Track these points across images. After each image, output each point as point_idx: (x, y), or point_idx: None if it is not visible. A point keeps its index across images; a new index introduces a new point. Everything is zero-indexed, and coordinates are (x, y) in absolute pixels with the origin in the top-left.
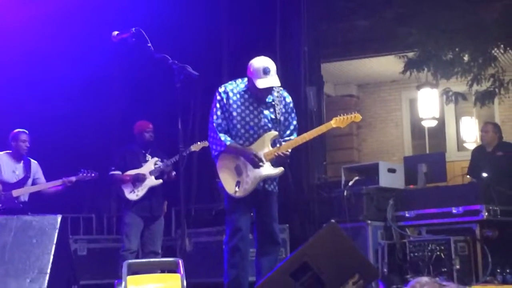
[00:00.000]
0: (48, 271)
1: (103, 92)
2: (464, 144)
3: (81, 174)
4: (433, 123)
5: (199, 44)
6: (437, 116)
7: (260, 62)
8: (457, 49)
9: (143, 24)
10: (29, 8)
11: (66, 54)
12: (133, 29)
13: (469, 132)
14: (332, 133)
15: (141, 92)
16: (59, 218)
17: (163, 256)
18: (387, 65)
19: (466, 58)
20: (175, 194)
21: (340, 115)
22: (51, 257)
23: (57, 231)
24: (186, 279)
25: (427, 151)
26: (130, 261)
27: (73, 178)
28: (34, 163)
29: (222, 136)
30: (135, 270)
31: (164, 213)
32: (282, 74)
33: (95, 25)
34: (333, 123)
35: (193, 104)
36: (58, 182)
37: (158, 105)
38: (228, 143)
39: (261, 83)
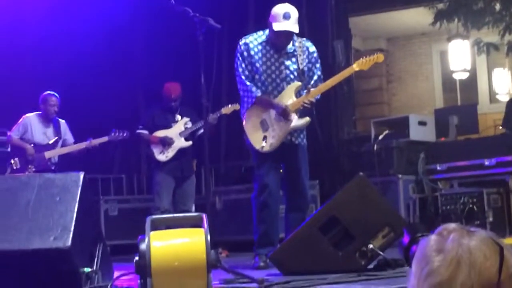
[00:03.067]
0: (72, 228)
1: (126, 47)
2: (497, 96)
3: (113, 134)
4: (465, 75)
5: None
6: (469, 68)
7: (281, 7)
8: None
9: None
10: None
11: (87, 10)
12: None
13: (502, 83)
14: (362, 87)
15: (164, 46)
16: (81, 175)
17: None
18: (417, 17)
19: (497, 7)
20: (204, 152)
21: (362, 58)
22: (75, 214)
23: (80, 188)
24: (216, 237)
25: (459, 104)
26: (153, 216)
27: (105, 138)
28: (62, 122)
29: (253, 87)
30: (159, 226)
31: (194, 171)
32: (309, 27)
33: None
34: (355, 66)
35: (216, 58)
36: (83, 144)
37: (183, 60)
38: (258, 94)
39: (277, 26)
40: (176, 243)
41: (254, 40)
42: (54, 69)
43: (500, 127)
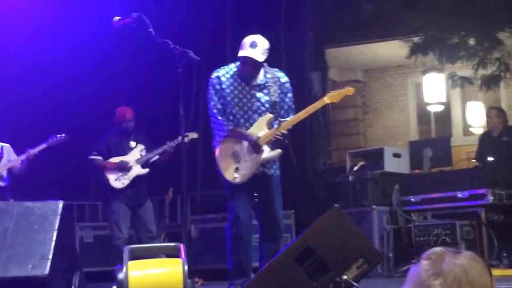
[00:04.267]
0: (50, 256)
1: (106, 75)
2: (470, 129)
3: (51, 140)
4: (439, 108)
5: (202, 28)
6: (443, 100)
7: (251, 37)
8: (462, 33)
9: (144, 7)
10: None
11: (65, 37)
12: (135, 14)
13: (475, 116)
14: (337, 118)
15: (142, 77)
16: (60, 204)
17: (169, 242)
18: (393, 49)
19: (471, 42)
20: (181, 181)
21: (333, 90)
22: (53, 243)
23: (58, 217)
24: (191, 266)
25: (433, 136)
26: (131, 246)
27: (44, 145)
28: (6, 146)
29: (224, 121)
30: (136, 256)
31: (170, 199)
32: (287, 58)
33: (95, 9)
34: (326, 99)
35: (195, 89)
36: (23, 156)
37: (159, 90)
38: (230, 127)
39: (241, 53)
40: (154, 273)
41: (226, 74)
42: (35, 92)
43: (473, 160)
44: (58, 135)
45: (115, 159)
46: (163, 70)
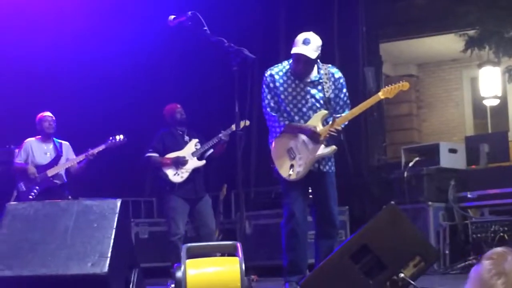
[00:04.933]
0: (109, 255)
1: (160, 75)
2: None
3: (109, 141)
4: (495, 102)
5: (255, 26)
6: (499, 94)
7: (303, 34)
8: None
9: (197, 6)
10: None
11: (124, 38)
12: (190, 12)
13: None
14: (391, 113)
15: (198, 75)
16: (118, 202)
17: (223, 239)
18: (447, 43)
19: None
20: (235, 177)
21: (388, 85)
22: (112, 241)
23: (117, 215)
24: (245, 262)
25: (489, 131)
26: (189, 244)
27: (102, 146)
28: (65, 143)
29: (279, 117)
30: (193, 254)
31: (224, 195)
32: (340, 54)
33: (149, 9)
34: (381, 94)
35: (250, 87)
36: (82, 156)
37: (214, 88)
38: (286, 122)
39: (293, 50)
40: (211, 272)
41: (280, 71)
42: (89, 95)
43: None
44: (118, 137)
45: (171, 155)
46: (217, 68)
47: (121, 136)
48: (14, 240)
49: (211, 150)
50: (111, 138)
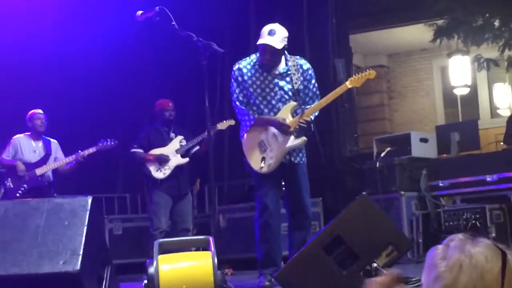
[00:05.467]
0: (81, 252)
1: (130, 69)
2: (498, 111)
3: (100, 144)
4: (465, 91)
5: (224, 19)
6: (469, 83)
7: (269, 25)
8: (487, 15)
9: (165, 1)
10: None
11: (91, 32)
12: (157, 8)
13: (502, 98)
14: (363, 104)
15: (166, 70)
16: (89, 199)
17: (197, 233)
18: (417, 33)
19: (496, 23)
20: (207, 171)
21: (355, 75)
22: (83, 238)
23: (88, 212)
24: (220, 256)
25: (460, 119)
26: (161, 240)
27: (92, 149)
28: (54, 142)
29: (249, 111)
30: (166, 249)
31: (197, 190)
32: (310, 46)
33: (116, 5)
34: (348, 83)
35: (219, 81)
36: (72, 157)
37: (184, 82)
38: (256, 115)
39: (259, 41)
40: (184, 266)
41: (247, 64)
42: (55, 88)
43: (502, 143)
44: (108, 140)
45: (154, 151)
46: (186, 63)
47: (112, 140)
48: None
49: (197, 147)
50: (102, 140)
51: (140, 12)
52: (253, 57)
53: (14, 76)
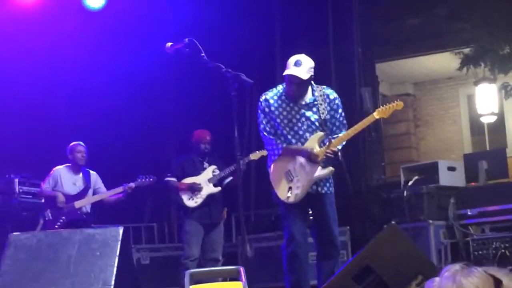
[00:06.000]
0: (112, 282)
1: (158, 101)
2: None
3: (139, 180)
4: (493, 119)
5: (252, 50)
6: (496, 111)
7: (295, 56)
8: None
9: (194, 31)
10: (84, 15)
11: (121, 64)
12: (187, 39)
13: None
14: (389, 132)
15: (196, 100)
16: (120, 230)
17: (224, 263)
18: (443, 62)
19: None
20: (234, 201)
21: (383, 105)
22: (115, 269)
23: (119, 243)
24: (248, 285)
25: (487, 147)
26: (192, 270)
27: (133, 184)
28: (93, 174)
29: (277, 140)
30: (197, 280)
31: (224, 219)
32: (336, 75)
33: (148, 34)
34: (376, 114)
35: (248, 111)
36: (119, 189)
37: (213, 112)
38: (284, 145)
39: (286, 72)
40: None
41: (274, 95)
42: (87, 121)
43: None
44: (147, 176)
45: (187, 180)
46: (215, 94)
47: (151, 177)
48: (18, 270)
49: (230, 178)
50: (141, 176)
51: (169, 43)
52: (280, 87)
53: (44, 108)
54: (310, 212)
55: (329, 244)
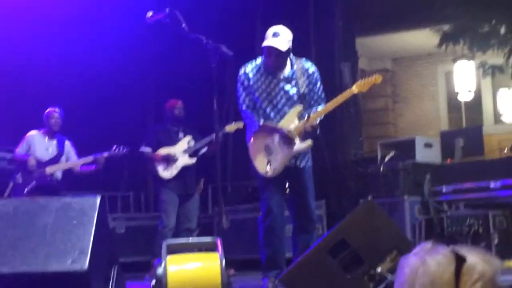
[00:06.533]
0: (89, 251)
1: (138, 70)
2: (501, 118)
3: (113, 150)
4: (470, 96)
5: (231, 21)
6: (474, 89)
7: (273, 27)
8: (493, 22)
9: (176, 1)
10: None
11: (100, 33)
12: (167, 9)
13: (506, 104)
14: (368, 108)
15: (175, 70)
16: (98, 199)
17: (200, 233)
18: (422, 38)
19: (502, 30)
20: (211, 172)
21: (361, 79)
22: (92, 237)
23: (96, 212)
24: (224, 257)
25: (464, 125)
26: (169, 241)
27: (105, 154)
28: (67, 142)
29: (255, 115)
30: (173, 250)
31: (201, 190)
32: (316, 49)
33: (129, 3)
34: (354, 88)
35: (228, 83)
36: (89, 158)
37: (192, 84)
38: (261, 122)
39: (264, 43)
40: (192, 268)
41: (253, 68)
42: (65, 87)
43: (506, 150)
44: (121, 147)
45: (162, 151)
46: (195, 64)
47: (124, 147)
48: None
49: (205, 149)
50: (115, 146)
51: (150, 13)
52: (259, 60)
53: (25, 75)
54: (287, 185)
55: (305, 218)
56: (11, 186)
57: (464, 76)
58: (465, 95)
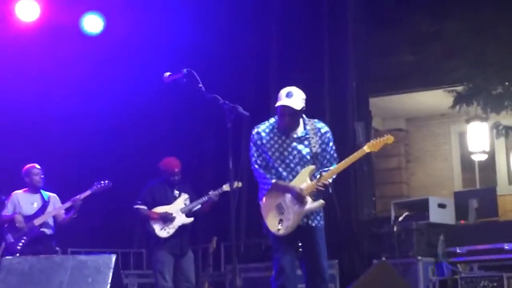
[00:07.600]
0: None
1: (153, 128)
2: None
3: (95, 187)
4: (483, 157)
5: (247, 83)
6: (487, 149)
7: (286, 88)
8: (506, 83)
9: (191, 59)
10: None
11: (117, 91)
12: (185, 70)
13: None
14: (381, 167)
15: (189, 129)
16: (113, 257)
17: None
18: (436, 99)
19: None
20: (225, 230)
21: (374, 139)
22: None
23: (111, 270)
24: None
25: (477, 185)
26: None
27: (88, 192)
28: (52, 195)
29: (267, 174)
30: None
31: (214, 248)
32: (330, 108)
33: (145, 61)
34: (366, 148)
35: (243, 143)
36: (68, 204)
37: (207, 143)
38: (273, 180)
39: (277, 103)
40: None
41: (266, 128)
42: (80, 145)
43: None
44: (102, 182)
45: (159, 209)
46: (211, 124)
47: (106, 181)
48: None
49: (199, 206)
50: (95, 183)
51: (168, 73)
52: (272, 120)
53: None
54: (300, 244)
55: (318, 278)
56: (3, 246)
57: (478, 137)
58: (478, 156)
